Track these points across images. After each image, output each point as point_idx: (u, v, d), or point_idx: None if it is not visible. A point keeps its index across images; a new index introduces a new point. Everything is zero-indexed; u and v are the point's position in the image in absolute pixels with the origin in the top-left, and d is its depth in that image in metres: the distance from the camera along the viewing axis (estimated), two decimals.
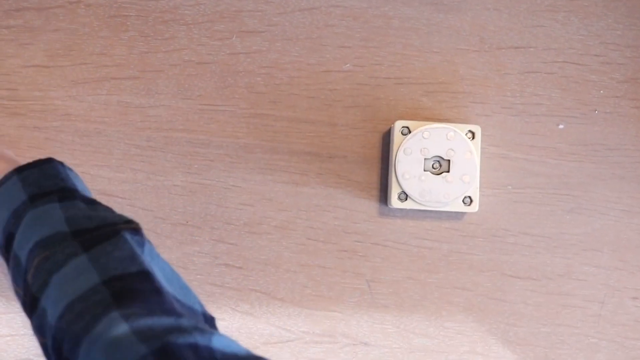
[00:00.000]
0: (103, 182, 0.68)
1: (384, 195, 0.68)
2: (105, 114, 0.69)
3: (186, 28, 0.69)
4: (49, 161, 0.54)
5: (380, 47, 0.69)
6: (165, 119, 0.69)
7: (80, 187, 0.54)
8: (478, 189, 0.65)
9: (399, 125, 0.64)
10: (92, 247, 0.44)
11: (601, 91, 0.69)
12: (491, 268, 0.68)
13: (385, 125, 0.68)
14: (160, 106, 0.69)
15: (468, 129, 0.65)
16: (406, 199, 0.64)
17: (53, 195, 0.50)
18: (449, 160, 0.64)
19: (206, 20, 0.69)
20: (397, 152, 0.64)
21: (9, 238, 0.49)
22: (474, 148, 0.65)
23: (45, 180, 0.52)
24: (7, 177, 0.53)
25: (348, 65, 0.69)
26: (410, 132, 0.64)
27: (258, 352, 0.68)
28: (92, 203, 0.51)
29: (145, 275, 0.42)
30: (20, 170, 0.53)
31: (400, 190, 0.64)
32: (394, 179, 0.64)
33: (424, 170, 0.64)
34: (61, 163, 0.55)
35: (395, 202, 0.64)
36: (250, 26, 0.69)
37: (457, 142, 0.64)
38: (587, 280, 0.69)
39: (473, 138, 0.65)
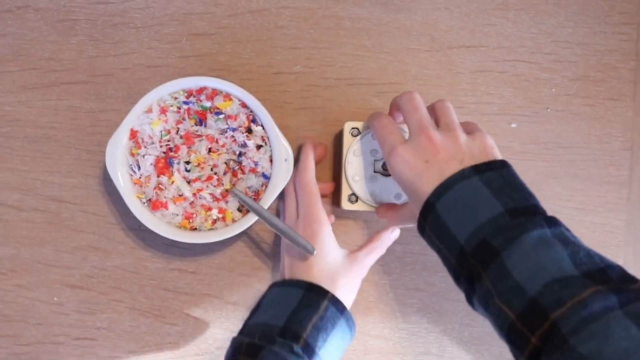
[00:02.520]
0: (54, 187, 0.68)
1: (336, 196, 0.67)
2: (55, 119, 0.68)
3: (135, 31, 0.68)
4: (506, 165, 0.50)
5: (331, 48, 0.69)
6: (116, 124, 0.68)
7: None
8: None
9: (348, 126, 0.64)
10: (627, 304, 0.40)
11: (553, 89, 0.69)
12: (445, 269, 0.68)
13: (336, 126, 0.68)
14: (111, 110, 0.68)
15: None
16: (357, 201, 0.64)
17: (538, 217, 0.46)
18: None
19: (156, 24, 0.68)
20: (346, 154, 0.63)
21: (486, 249, 0.45)
22: None
23: (514, 192, 0.48)
24: (464, 174, 0.48)
25: (299, 66, 0.69)
26: (360, 133, 0.64)
27: (212, 357, 0.67)
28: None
29: None
30: (478, 170, 0.49)
31: (350, 192, 0.64)
32: (344, 180, 0.64)
33: (374, 172, 0.64)
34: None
35: (345, 203, 0.64)
36: (199, 29, 0.68)
37: None
38: None
39: None
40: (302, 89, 0.68)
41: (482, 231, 0.46)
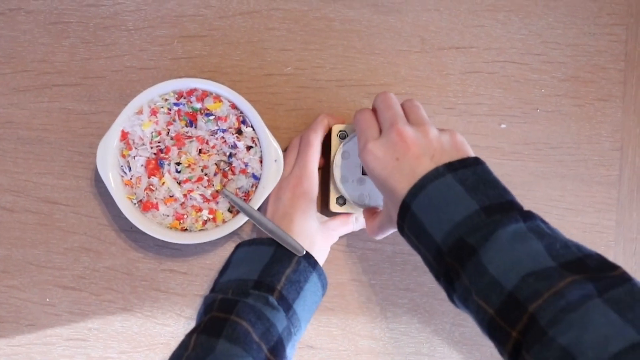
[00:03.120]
0: (46, 189, 0.68)
1: (324, 199, 0.67)
2: (47, 121, 0.68)
3: (127, 34, 0.69)
4: (479, 162, 0.50)
5: (322, 49, 0.69)
6: (108, 125, 0.68)
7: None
8: None
9: (336, 129, 0.64)
10: (605, 292, 0.40)
11: (542, 90, 0.70)
12: None
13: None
14: (103, 112, 0.68)
15: None
16: (344, 203, 0.64)
17: (514, 213, 0.46)
18: None
19: (147, 26, 0.69)
20: (334, 156, 0.64)
21: (462, 247, 0.45)
22: None
23: (489, 189, 0.47)
24: (439, 172, 0.48)
25: (289, 68, 0.69)
26: (347, 135, 0.64)
27: None
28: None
29: None
30: (451, 168, 0.48)
31: (338, 194, 0.64)
32: (332, 183, 0.64)
33: (362, 174, 0.64)
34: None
35: (333, 206, 0.64)
36: (191, 31, 0.69)
37: None
38: None
39: None
40: (293, 90, 0.69)
41: (458, 230, 0.46)
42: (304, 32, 0.69)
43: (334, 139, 0.64)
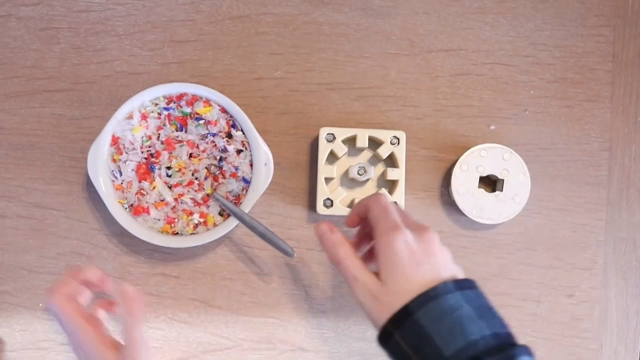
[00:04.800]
0: (38, 194, 0.68)
1: (312, 201, 0.68)
2: (38, 127, 0.69)
3: (117, 39, 0.69)
4: (477, 285, 0.49)
5: (311, 53, 0.69)
6: (99, 130, 0.68)
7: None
8: (403, 195, 0.65)
9: (324, 132, 0.64)
10: None
11: (531, 91, 0.70)
12: None
13: (317, 131, 0.69)
14: (94, 117, 0.69)
15: (393, 135, 0.65)
16: (331, 205, 0.64)
17: (522, 347, 0.47)
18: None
19: (137, 31, 0.69)
20: (322, 159, 0.64)
21: None
22: (400, 154, 0.65)
23: (492, 317, 0.48)
24: (447, 288, 0.47)
25: (279, 72, 0.69)
26: (335, 138, 0.64)
27: None
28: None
29: None
30: (459, 286, 0.47)
31: (325, 197, 0.64)
32: (319, 185, 0.64)
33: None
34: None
35: (321, 208, 0.64)
36: (181, 36, 0.69)
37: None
38: (522, 279, 0.69)
39: (398, 144, 0.65)
40: (283, 94, 0.69)
41: (473, 348, 0.44)
42: (293, 36, 0.69)
43: (322, 142, 0.64)
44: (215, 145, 0.64)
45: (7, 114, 0.69)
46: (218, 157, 0.64)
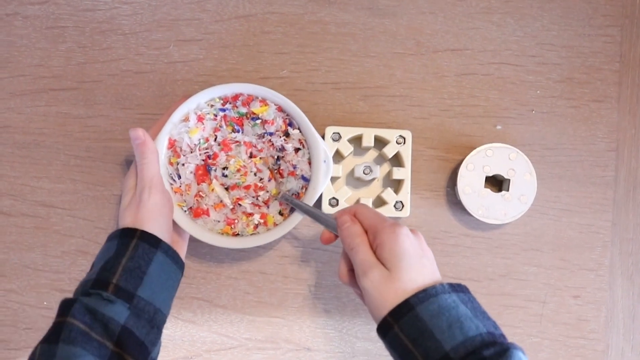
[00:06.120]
0: (43, 193, 0.68)
1: (317, 200, 0.68)
2: (44, 125, 0.69)
3: (123, 38, 0.69)
4: (469, 290, 0.52)
5: (317, 52, 0.69)
6: (104, 129, 0.69)
7: None
8: (409, 194, 0.65)
9: (329, 131, 0.64)
10: None
11: (538, 91, 0.70)
12: None
13: (323, 130, 0.68)
14: (99, 116, 0.69)
15: (399, 134, 0.65)
16: (337, 204, 0.64)
17: (514, 344, 0.49)
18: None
19: (143, 30, 0.69)
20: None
21: (475, 357, 0.47)
22: (406, 154, 0.65)
23: (485, 318, 0.51)
24: (445, 289, 0.50)
25: (285, 71, 0.69)
26: (341, 137, 0.64)
27: (201, 359, 0.68)
28: None
29: None
30: (455, 289, 0.51)
31: (331, 196, 0.64)
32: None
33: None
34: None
35: (326, 207, 0.64)
36: (187, 35, 0.69)
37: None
38: (528, 280, 0.69)
39: (404, 143, 0.65)
40: (289, 93, 0.69)
41: (471, 343, 0.47)
42: (299, 35, 0.69)
43: (328, 141, 0.64)
44: (273, 144, 0.64)
45: (13, 113, 0.69)
46: (275, 157, 0.64)
